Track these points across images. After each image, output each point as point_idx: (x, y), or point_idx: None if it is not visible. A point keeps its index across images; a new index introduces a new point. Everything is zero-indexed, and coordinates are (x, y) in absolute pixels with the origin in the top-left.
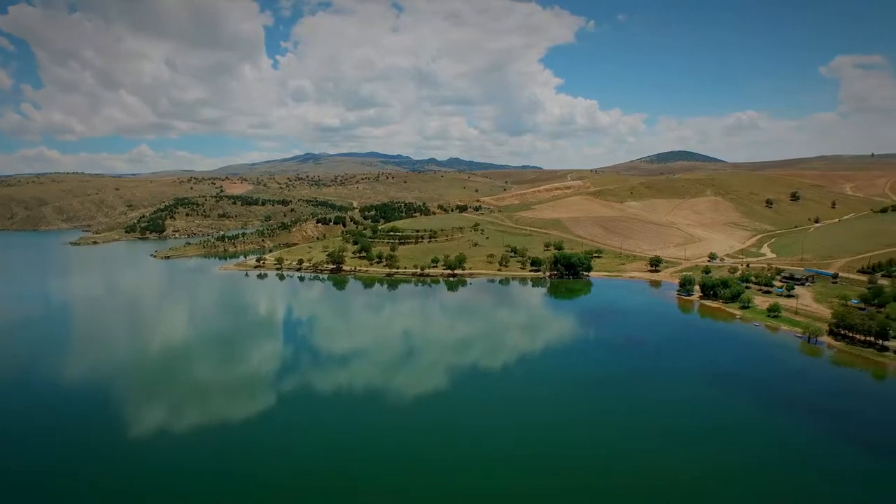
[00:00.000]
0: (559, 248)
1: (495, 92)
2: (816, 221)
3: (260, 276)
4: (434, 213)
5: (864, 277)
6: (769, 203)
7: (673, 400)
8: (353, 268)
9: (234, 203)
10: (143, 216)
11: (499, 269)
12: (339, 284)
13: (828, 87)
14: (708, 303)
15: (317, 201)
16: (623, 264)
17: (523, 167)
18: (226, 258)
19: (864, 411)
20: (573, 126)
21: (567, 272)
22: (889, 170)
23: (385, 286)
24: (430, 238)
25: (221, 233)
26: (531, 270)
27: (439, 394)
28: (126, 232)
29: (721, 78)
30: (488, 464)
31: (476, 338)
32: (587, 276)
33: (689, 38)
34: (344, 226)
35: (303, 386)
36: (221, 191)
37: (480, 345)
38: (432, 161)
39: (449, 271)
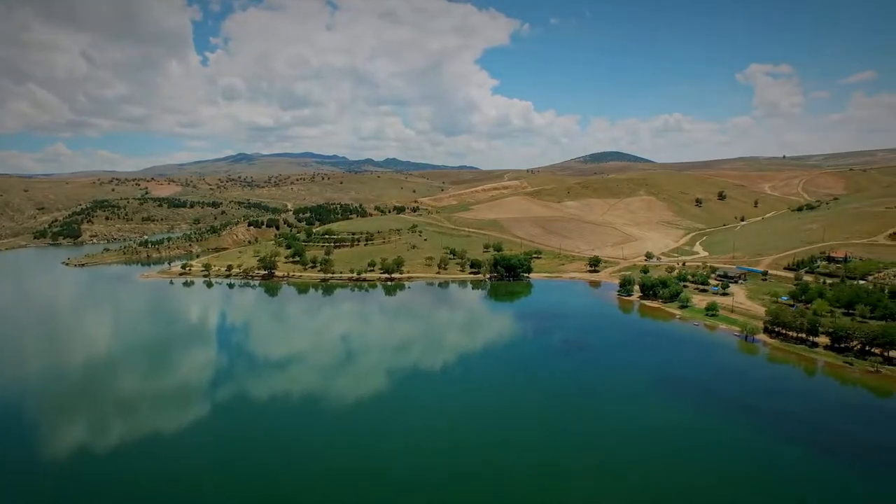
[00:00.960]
0: (498, 249)
1: (432, 92)
2: (742, 220)
3: (186, 284)
4: (371, 215)
5: (790, 274)
6: (699, 202)
7: (617, 407)
8: (286, 273)
9: (160, 205)
10: (56, 220)
11: (438, 272)
12: (271, 291)
13: (744, 92)
14: (648, 303)
15: (249, 203)
16: (562, 265)
17: (460, 167)
18: (149, 265)
19: (801, 411)
20: (509, 127)
21: (507, 274)
22: (800, 171)
23: (320, 292)
24: (366, 241)
25: (145, 237)
26: (471, 273)
27: (372, 406)
28: (35, 238)
29: (649, 81)
30: (422, 479)
31: (413, 345)
32: (527, 277)
33: (619, 43)
34: (277, 229)
35: (226, 400)
36: (146, 192)
37: (417, 353)
38: (369, 161)
39: (386, 275)
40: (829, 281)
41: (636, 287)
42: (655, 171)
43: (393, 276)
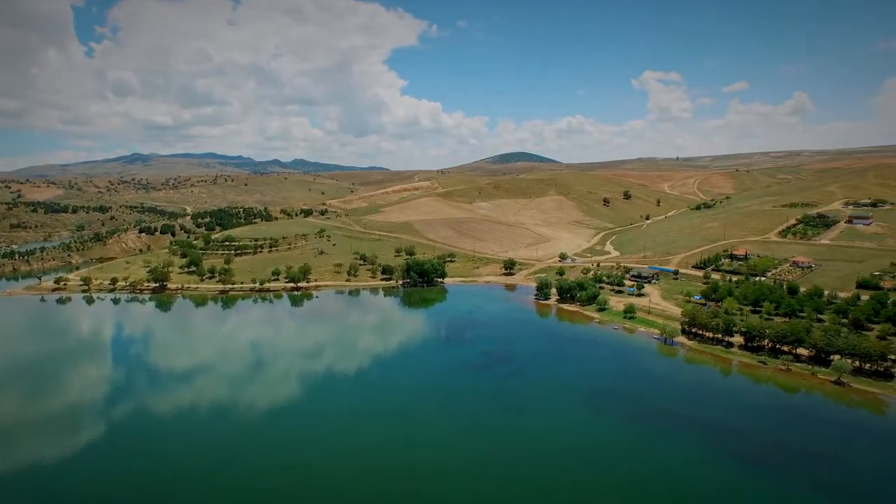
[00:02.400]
0: (411, 253)
1: (340, 92)
2: (647, 218)
3: (60, 301)
4: (276, 219)
5: (699, 273)
6: (606, 202)
7: (545, 428)
8: (180, 285)
9: (35, 210)
10: None
11: (347, 280)
12: (163, 306)
13: (639, 97)
14: (566, 306)
15: (144, 207)
16: (477, 268)
17: (370, 168)
18: (16, 279)
19: (726, 418)
20: (418, 127)
21: (420, 280)
22: (693, 171)
23: (219, 305)
24: (270, 247)
25: (13, 247)
26: (382, 279)
27: (267, 439)
28: None
29: (553, 85)
30: None
31: (315, 366)
32: (442, 282)
33: (526, 47)
34: (173, 235)
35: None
36: (19, 196)
37: (319, 375)
38: (275, 162)
39: (292, 284)
40: (734, 278)
41: (553, 290)
42: (563, 172)
43: (299, 285)
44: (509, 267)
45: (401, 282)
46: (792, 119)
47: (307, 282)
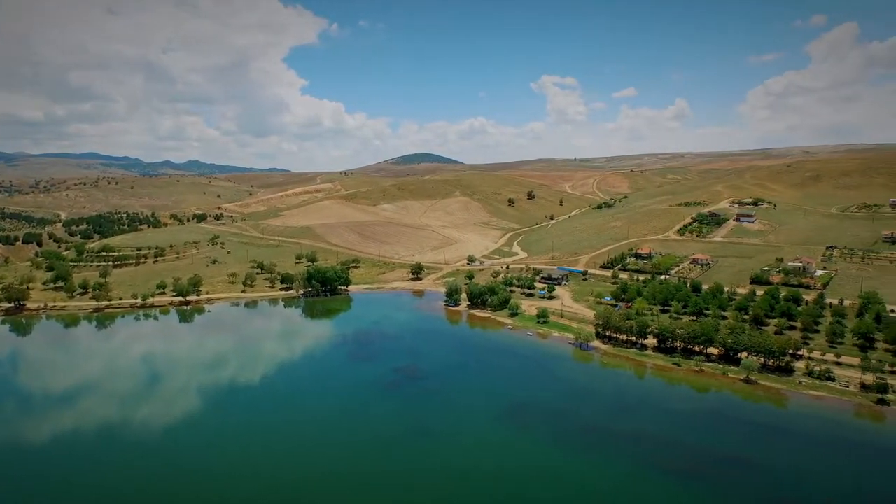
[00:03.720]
0: (312, 259)
1: (237, 90)
2: (552, 218)
3: None
4: (166, 225)
5: (607, 273)
6: (511, 202)
7: (464, 452)
8: (43, 304)
9: None
10: None
11: (244, 291)
12: (19, 330)
13: (539, 100)
14: (477, 312)
15: (5, 213)
16: (383, 273)
17: (270, 170)
18: None
19: (648, 427)
20: (320, 128)
21: (323, 288)
22: (591, 171)
23: (94, 325)
24: (156, 257)
25: None
26: (282, 289)
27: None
28: None
29: (455, 87)
30: None
31: (204, 389)
32: (346, 290)
33: (428, 49)
34: (39, 245)
35: None
36: None
37: (208, 400)
38: (167, 164)
39: (180, 298)
40: (641, 277)
41: (463, 296)
42: (467, 172)
43: (189, 298)
44: (417, 272)
45: (302, 291)
46: (675, 123)
47: (198, 295)
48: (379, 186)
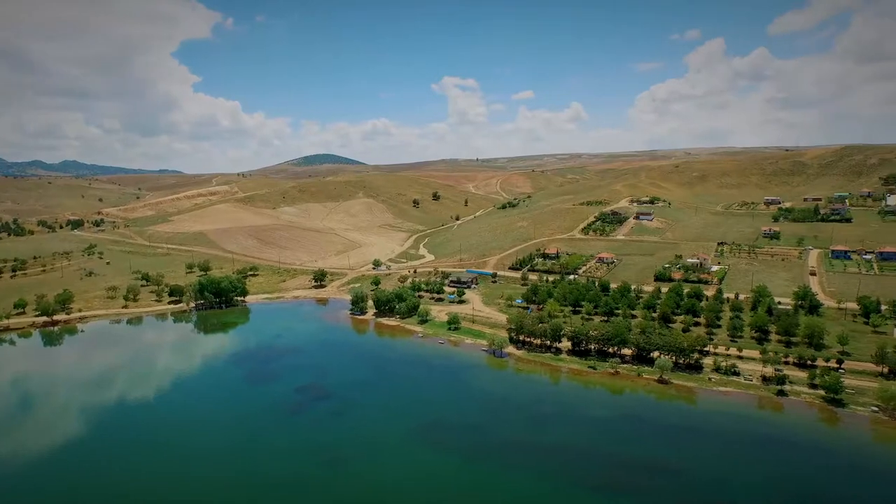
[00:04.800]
0: (206, 269)
1: (121, 86)
2: (457, 219)
3: None
4: (32, 233)
5: (516, 274)
6: (416, 203)
7: (379, 480)
8: None
9: None
10: None
11: (125, 306)
12: None
13: (440, 101)
14: (385, 321)
15: None
16: (284, 281)
17: (161, 171)
18: None
19: (568, 438)
20: (216, 128)
21: (218, 300)
22: (494, 172)
23: None
24: (14, 271)
25: None
26: (171, 302)
27: None
28: None
29: (357, 87)
30: None
31: (64, 426)
32: (243, 301)
33: (329, 48)
34: None
35: None
36: None
37: (72, 437)
38: (37, 164)
39: (45, 318)
40: (550, 278)
41: (370, 303)
42: (371, 173)
43: (56, 318)
44: (320, 278)
45: (193, 304)
46: (571, 125)
47: (68, 313)
48: (279, 189)
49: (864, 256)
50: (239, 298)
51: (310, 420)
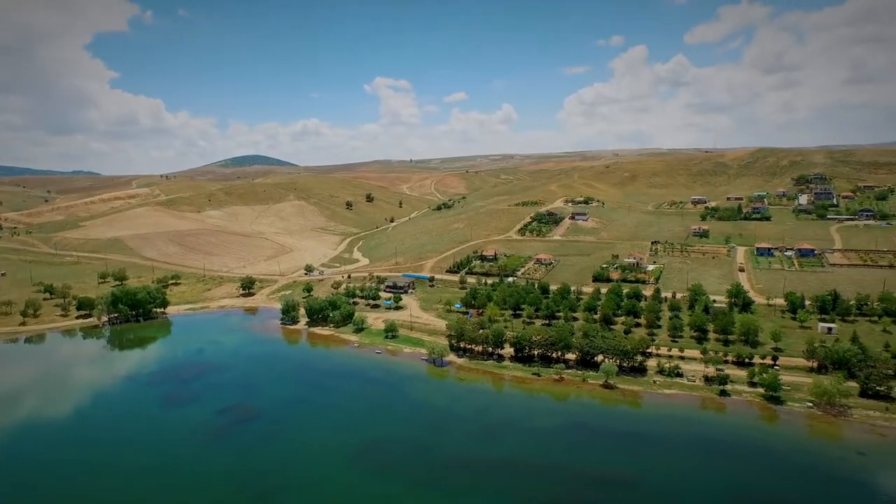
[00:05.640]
0: (121, 278)
1: (24, 79)
2: (392, 221)
3: None
4: None
5: (454, 277)
6: (349, 205)
7: None
8: None
9: None
10: None
11: (23, 323)
12: None
13: (372, 102)
14: (318, 330)
15: None
16: (209, 290)
17: (75, 173)
18: None
19: (521, 454)
20: (137, 127)
21: (134, 313)
22: (428, 173)
23: None
24: None
25: None
26: (79, 317)
27: None
28: None
29: (287, 86)
30: None
31: None
32: (164, 313)
33: (256, 45)
34: None
35: None
36: None
37: None
38: None
39: None
40: (489, 281)
41: (302, 312)
42: (302, 175)
43: None
44: (248, 286)
45: (105, 318)
46: (503, 127)
47: None
48: (204, 191)
49: (786, 253)
50: (159, 310)
51: (234, 446)
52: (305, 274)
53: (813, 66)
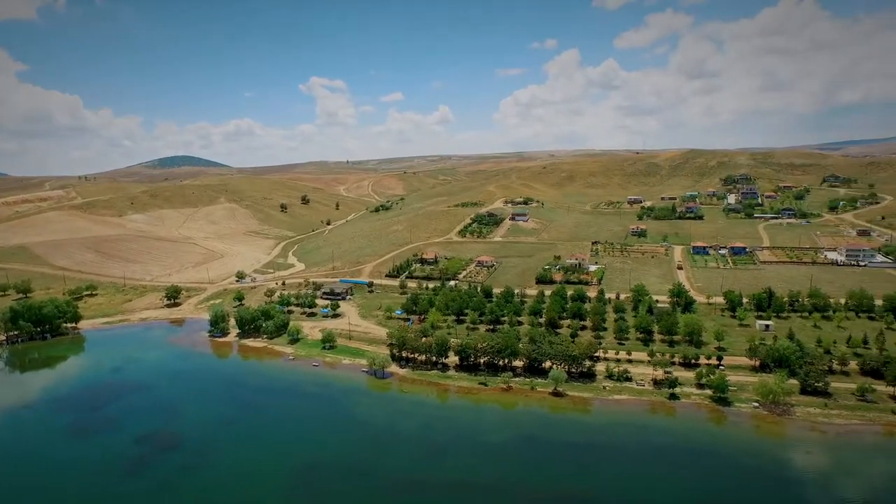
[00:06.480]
0: (25, 290)
1: None
2: (328, 223)
3: None
4: None
5: (394, 282)
6: (284, 208)
7: None
8: None
9: None
10: None
11: None
12: None
13: (308, 102)
14: (250, 342)
15: None
16: (130, 301)
17: None
18: None
19: (472, 472)
20: (51, 124)
21: (40, 330)
22: (365, 174)
23: None
24: None
25: None
26: None
27: None
28: None
29: (218, 85)
30: None
31: None
32: (75, 329)
33: (184, 41)
34: None
35: None
36: None
37: None
38: None
39: None
40: (430, 285)
41: (232, 322)
42: (234, 177)
43: None
44: (173, 295)
45: (4, 336)
46: (440, 127)
47: None
48: (126, 193)
49: (720, 251)
50: (69, 325)
51: (154, 480)
52: (237, 281)
53: (732, 73)
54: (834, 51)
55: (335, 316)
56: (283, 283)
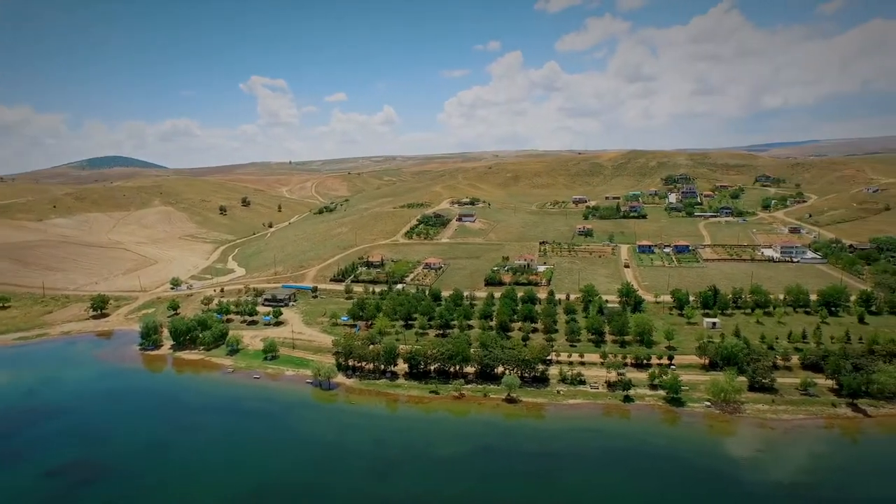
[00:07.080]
0: None
1: None
2: (270, 226)
3: None
4: None
5: (339, 286)
6: (223, 210)
7: None
8: None
9: None
10: None
11: None
12: None
13: (249, 102)
14: (185, 355)
15: None
16: (50, 312)
17: None
18: None
19: (423, 488)
20: None
21: None
22: (308, 175)
23: None
24: None
25: None
26: None
27: None
28: None
29: (153, 83)
30: None
31: None
32: None
33: (114, 34)
34: None
35: None
36: None
37: None
38: None
39: None
40: (377, 289)
41: (165, 334)
42: (170, 178)
43: None
44: (100, 306)
45: None
46: (385, 128)
47: None
48: (48, 196)
49: (664, 250)
50: None
51: None
52: (171, 289)
53: (666, 77)
54: (758, 58)
55: (278, 324)
56: (222, 290)
